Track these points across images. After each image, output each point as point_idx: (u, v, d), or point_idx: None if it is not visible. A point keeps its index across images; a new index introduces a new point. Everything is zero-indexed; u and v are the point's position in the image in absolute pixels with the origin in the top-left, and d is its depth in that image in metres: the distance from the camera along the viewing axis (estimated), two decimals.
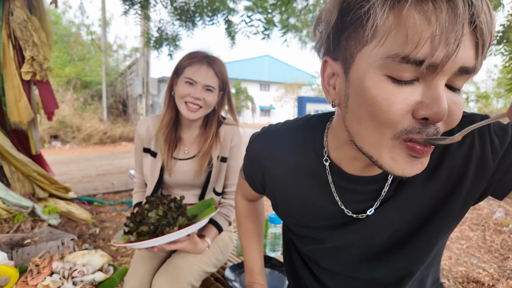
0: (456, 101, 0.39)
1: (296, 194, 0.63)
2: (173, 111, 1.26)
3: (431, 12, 0.33)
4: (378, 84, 0.38)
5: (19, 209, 2.39)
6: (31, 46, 2.18)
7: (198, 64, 1.16)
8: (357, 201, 0.57)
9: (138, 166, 1.35)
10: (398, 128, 0.39)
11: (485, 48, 0.36)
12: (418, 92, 0.37)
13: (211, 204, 1.15)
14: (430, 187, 0.53)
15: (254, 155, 0.69)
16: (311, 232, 0.65)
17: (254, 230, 0.92)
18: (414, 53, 0.34)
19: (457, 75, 0.37)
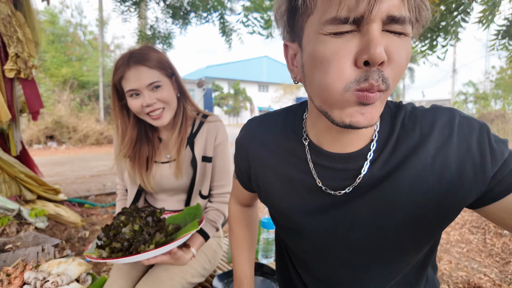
0: (397, 44, 0.42)
1: (276, 175, 0.63)
2: (133, 128, 1.15)
3: None
4: (323, 42, 0.43)
5: (4, 212, 2.31)
6: (15, 42, 2.09)
7: (127, 69, 1.02)
8: (335, 178, 0.56)
9: (119, 172, 1.27)
10: (347, 77, 0.42)
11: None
12: (357, 42, 0.42)
13: (197, 212, 1.07)
14: (419, 188, 0.50)
15: (240, 141, 0.72)
16: (290, 219, 0.63)
17: (245, 237, 0.88)
18: (339, 13, 0.40)
19: (391, 22, 0.41)
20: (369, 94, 0.42)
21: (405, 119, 0.54)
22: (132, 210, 0.98)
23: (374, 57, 0.40)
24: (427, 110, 0.54)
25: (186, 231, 0.92)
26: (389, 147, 0.53)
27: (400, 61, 0.43)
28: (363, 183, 0.54)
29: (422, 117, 0.53)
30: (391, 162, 0.52)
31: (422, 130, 0.51)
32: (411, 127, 0.53)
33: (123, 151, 1.15)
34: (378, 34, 0.40)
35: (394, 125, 0.54)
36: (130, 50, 1.06)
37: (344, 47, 0.42)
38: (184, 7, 2.91)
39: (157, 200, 1.28)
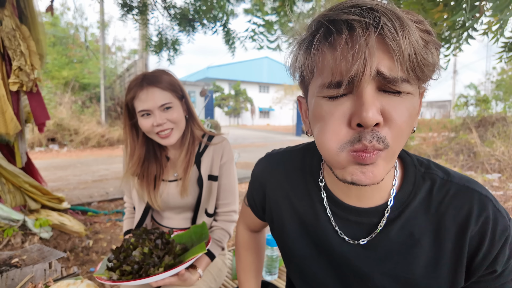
0: (395, 105, 0.42)
1: (292, 216, 0.64)
2: (142, 146, 1.19)
3: (335, 42, 0.41)
4: (320, 104, 0.46)
5: (9, 223, 2.33)
6: (18, 55, 2.11)
7: (140, 90, 1.07)
8: (349, 228, 0.57)
9: (127, 190, 1.29)
10: (342, 138, 0.44)
11: (403, 56, 0.39)
12: (350, 103, 0.43)
13: (203, 232, 1.09)
14: (433, 270, 0.51)
15: (257, 176, 0.73)
16: (303, 262, 0.64)
17: (253, 263, 0.89)
18: (332, 79, 0.42)
19: (384, 83, 0.41)
20: (364, 155, 0.43)
21: (434, 187, 0.53)
22: (141, 232, 1.00)
23: (366, 120, 0.40)
24: (461, 188, 0.52)
25: (193, 253, 0.95)
26: (409, 213, 0.53)
27: (399, 120, 0.43)
28: (378, 241, 0.54)
29: (455, 195, 0.51)
30: (411, 231, 0.52)
31: (448, 210, 0.51)
32: (438, 201, 0.52)
33: (132, 169, 1.18)
34: (370, 97, 0.41)
35: (418, 190, 0.53)
36: (144, 72, 1.11)
37: (338, 109, 0.44)
38: (190, 14, 2.92)
39: (163, 218, 1.30)
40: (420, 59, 0.40)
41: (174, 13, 2.93)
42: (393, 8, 0.40)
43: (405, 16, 0.40)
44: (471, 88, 9.72)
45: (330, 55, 0.42)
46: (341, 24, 0.40)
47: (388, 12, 0.39)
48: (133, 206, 1.30)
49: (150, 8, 2.94)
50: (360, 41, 0.39)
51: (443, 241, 0.51)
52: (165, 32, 3.09)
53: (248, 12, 3.43)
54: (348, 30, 0.40)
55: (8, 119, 2.19)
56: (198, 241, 1.08)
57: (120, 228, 3.08)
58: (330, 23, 0.42)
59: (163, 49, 3.15)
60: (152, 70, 1.13)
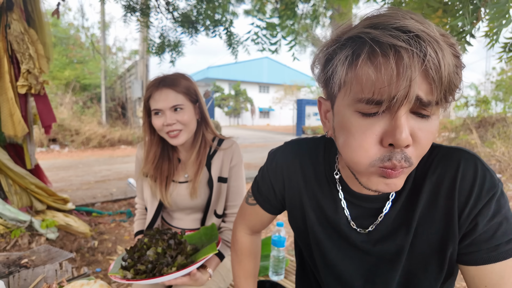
0: (422, 128, 0.45)
1: (310, 202, 0.68)
2: (157, 145, 1.23)
3: (380, 65, 0.41)
4: (351, 118, 0.47)
5: (16, 224, 2.36)
6: (27, 59, 2.14)
7: (156, 91, 1.12)
8: (362, 216, 0.62)
9: (139, 191, 1.32)
10: (372, 156, 0.46)
11: (441, 83, 0.41)
12: (384, 123, 0.44)
13: (213, 233, 1.11)
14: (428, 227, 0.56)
15: (278, 163, 0.74)
16: (319, 249, 0.68)
17: (254, 269, 0.90)
18: (373, 98, 0.43)
19: (418, 106, 0.43)
20: (392, 172, 0.46)
21: (428, 159, 0.57)
22: (154, 232, 1.03)
23: (399, 142, 0.43)
24: (449, 152, 0.56)
25: (204, 254, 0.97)
26: (407, 188, 0.58)
27: (425, 143, 0.46)
28: (384, 224, 0.60)
29: (444, 159, 0.56)
30: (410, 206, 0.57)
31: (440, 176, 0.55)
32: (432, 167, 0.56)
33: (147, 166, 1.22)
34: (405, 119, 0.43)
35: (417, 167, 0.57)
36: (164, 74, 1.17)
37: (371, 128, 0.45)
38: (193, 16, 2.94)
39: (173, 218, 1.33)
40: (452, 85, 0.42)
41: (177, 15, 2.96)
42: (435, 33, 0.41)
43: (443, 42, 0.41)
44: (471, 88, 9.75)
45: (374, 76, 0.42)
46: (388, 48, 0.41)
47: (432, 41, 0.40)
48: (145, 207, 1.33)
49: (153, 10, 2.97)
50: (407, 70, 0.40)
51: (437, 198, 0.55)
52: (168, 34, 3.11)
53: (248, 14, 3.46)
54: (395, 55, 0.40)
55: (16, 121, 2.23)
56: (208, 242, 1.10)
57: (124, 229, 3.11)
58: (375, 43, 0.41)
59: (165, 51, 3.17)
60: (172, 73, 1.18)
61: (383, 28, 0.42)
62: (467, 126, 7.59)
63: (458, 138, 7.26)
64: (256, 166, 7.40)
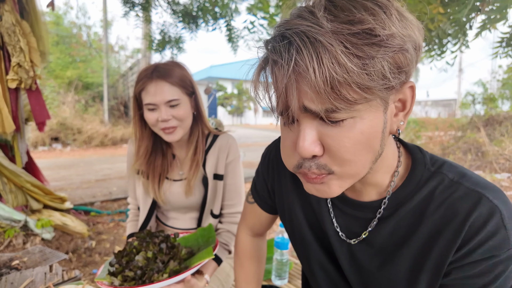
0: (333, 135, 0.41)
1: (300, 207, 0.66)
2: (149, 139, 1.14)
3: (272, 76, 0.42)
4: (282, 129, 0.49)
5: (11, 223, 2.28)
6: (18, 52, 2.05)
7: (149, 83, 1.02)
8: (348, 224, 0.58)
9: (131, 190, 1.23)
10: (292, 162, 0.47)
11: (318, 89, 0.37)
12: (295, 134, 0.45)
13: (210, 235, 1.04)
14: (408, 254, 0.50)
15: (272, 158, 0.73)
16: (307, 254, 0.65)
17: (256, 273, 0.85)
18: (277, 109, 0.44)
19: (314, 114, 0.40)
20: (309, 177, 0.45)
21: (438, 188, 0.48)
22: (145, 235, 0.95)
23: (300, 151, 0.42)
24: (469, 192, 0.46)
25: (200, 259, 0.89)
26: (403, 213, 0.51)
27: (339, 150, 0.42)
28: (371, 238, 0.54)
29: (458, 199, 0.46)
30: (402, 232, 0.51)
31: (446, 215, 0.47)
32: (438, 204, 0.48)
33: (139, 161, 1.13)
34: (306, 129, 0.42)
35: (420, 190, 0.50)
36: (156, 63, 1.06)
37: (288, 136, 0.47)
38: (194, 11, 2.87)
39: (169, 218, 1.25)
40: (345, 88, 0.37)
41: (177, 9, 2.88)
42: (318, 31, 0.36)
43: (335, 39, 0.36)
44: (478, 85, 9.51)
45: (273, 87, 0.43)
46: (267, 61, 0.42)
47: (302, 46, 0.36)
48: (137, 207, 1.25)
49: (153, 5, 2.89)
50: (278, 83, 0.40)
51: (432, 246, 0.48)
52: (168, 30, 3.05)
53: (251, 10, 3.38)
54: (272, 69, 0.41)
55: (4, 117, 2.12)
56: (204, 244, 1.03)
57: (123, 229, 3.03)
58: (263, 57, 0.43)
59: (166, 48, 3.10)
60: (165, 61, 1.08)
61: (275, 34, 0.41)
62: (475, 124, 7.44)
63: (465, 136, 7.12)
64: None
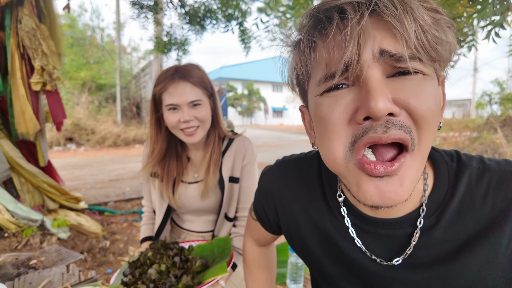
0: (407, 88, 0.35)
1: (312, 232, 0.56)
2: (164, 141, 1.14)
3: (327, 31, 0.37)
4: (321, 103, 0.40)
5: (28, 223, 2.33)
6: (40, 55, 2.10)
7: (171, 83, 1.01)
8: (379, 244, 0.48)
9: (146, 193, 1.23)
10: (346, 141, 0.38)
11: (406, 31, 0.34)
12: (355, 97, 0.37)
13: (226, 246, 1.03)
14: (488, 273, 0.41)
15: (267, 188, 0.65)
16: (333, 282, 0.55)
17: (267, 281, 0.82)
18: (328, 71, 0.38)
19: (389, 62, 0.35)
20: (374, 170, 0.36)
21: (472, 181, 0.44)
22: (159, 246, 0.95)
23: (373, 110, 0.34)
24: (504, 174, 0.43)
25: (214, 274, 0.88)
26: (449, 215, 0.44)
27: (417, 105, 0.35)
28: (416, 255, 0.45)
29: (500, 184, 0.43)
30: (454, 236, 0.44)
31: (496, 203, 0.42)
32: (481, 195, 0.43)
33: (152, 162, 1.13)
34: (377, 82, 0.35)
35: (456, 187, 0.45)
36: (176, 65, 1.06)
37: (339, 104, 0.38)
38: (202, 13, 2.88)
39: (184, 221, 1.24)
40: (431, 37, 0.34)
41: (186, 11, 2.89)
42: None
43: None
44: (494, 84, 9.24)
45: (322, 45, 0.38)
46: (332, 10, 0.36)
47: None
48: (152, 210, 1.25)
49: (162, 7, 2.91)
50: (353, 25, 0.34)
51: (496, 238, 0.42)
52: (174, 32, 3.06)
53: (262, 11, 3.36)
54: (339, 14, 0.36)
55: (27, 118, 2.20)
56: (219, 255, 1.02)
57: (136, 229, 3.05)
58: (320, 12, 0.38)
59: (171, 49, 3.11)
60: (184, 64, 1.08)
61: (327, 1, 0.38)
62: (491, 124, 7.25)
63: (481, 137, 6.94)
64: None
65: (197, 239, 1.18)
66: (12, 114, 2.24)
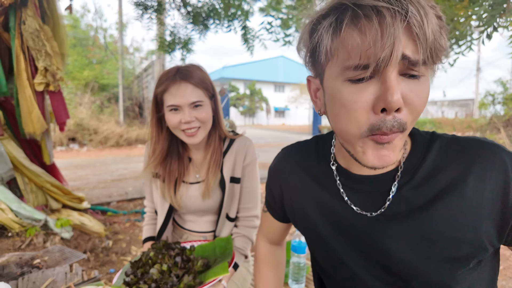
0: (414, 89, 0.44)
1: (310, 198, 0.66)
2: (165, 141, 1.14)
3: (364, 27, 0.42)
4: (341, 89, 0.46)
5: (32, 222, 2.34)
6: (43, 56, 2.12)
7: (172, 84, 1.02)
8: (365, 200, 0.58)
9: (148, 194, 1.24)
10: (362, 126, 0.46)
11: (426, 39, 0.41)
12: (374, 88, 0.44)
13: (228, 246, 1.04)
14: (458, 222, 0.50)
15: (273, 168, 0.76)
16: (327, 245, 0.63)
17: (274, 279, 0.86)
18: (360, 62, 0.43)
19: (406, 65, 0.43)
20: (383, 136, 0.45)
21: (444, 146, 0.54)
22: (161, 246, 0.95)
23: (391, 105, 0.42)
24: (471, 142, 0.53)
25: (215, 274, 0.89)
26: (422, 173, 0.53)
27: (418, 104, 0.45)
28: (395, 207, 0.54)
29: (465, 149, 0.52)
30: (427, 190, 0.52)
31: (463, 163, 0.51)
32: (453, 157, 0.53)
33: (154, 163, 1.14)
34: (394, 81, 0.42)
35: (428, 152, 0.55)
36: (177, 66, 1.07)
37: (361, 95, 0.45)
38: (205, 13, 2.89)
39: (186, 221, 1.25)
40: (437, 44, 0.42)
41: (189, 10, 2.90)
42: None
43: (425, 3, 0.41)
44: (497, 84, 9.18)
45: (359, 39, 0.42)
46: (370, 9, 0.41)
47: (413, 0, 0.41)
48: (154, 210, 1.26)
49: (165, 7, 2.92)
50: (390, 29, 0.40)
51: (461, 191, 0.50)
52: (178, 31, 3.07)
53: (264, 11, 3.37)
54: (377, 16, 0.41)
55: (34, 118, 2.23)
56: (221, 255, 1.02)
57: (139, 229, 3.07)
58: (357, 7, 0.42)
59: (176, 49, 3.12)
60: (186, 64, 1.09)
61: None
62: (494, 125, 7.23)
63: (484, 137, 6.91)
64: None
65: (198, 239, 1.19)
66: (19, 113, 2.27)
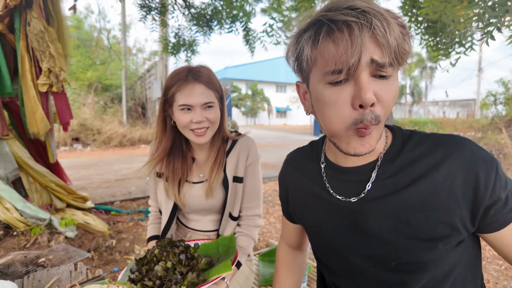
0: (383, 88, 0.52)
1: (306, 193, 0.75)
2: (169, 141, 1.16)
3: (337, 39, 0.50)
4: (323, 91, 0.55)
5: (36, 222, 2.37)
6: (47, 57, 2.15)
7: (186, 84, 1.04)
8: (349, 189, 0.65)
9: (152, 193, 1.26)
10: (347, 121, 0.54)
11: (389, 46, 0.49)
12: (351, 89, 0.52)
13: (231, 245, 1.05)
14: (429, 203, 0.57)
15: (280, 174, 0.86)
16: (320, 234, 0.72)
17: (287, 282, 0.88)
18: (335, 68, 0.51)
19: (375, 67, 0.50)
20: (365, 130, 0.54)
21: (421, 140, 0.62)
22: (166, 244, 0.97)
23: (366, 101, 0.50)
24: (445, 137, 0.60)
25: (218, 272, 0.90)
26: (400, 163, 0.61)
27: (388, 100, 0.53)
28: (374, 191, 0.61)
29: (440, 142, 0.59)
30: (403, 177, 0.59)
31: (438, 154, 0.58)
32: (428, 149, 0.59)
33: (156, 159, 1.16)
34: (366, 81, 0.51)
35: (406, 145, 0.62)
36: (188, 66, 1.09)
37: (340, 95, 0.53)
38: (208, 15, 2.91)
39: (189, 220, 1.26)
40: (401, 49, 0.50)
41: (193, 12, 2.92)
42: (379, 9, 0.50)
43: (388, 15, 0.50)
44: (499, 84, 9.13)
45: (333, 49, 0.50)
46: (341, 24, 0.50)
47: (377, 14, 0.49)
48: (159, 210, 1.28)
49: (169, 9, 2.95)
50: (358, 39, 0.48)
51: (434, 176, 0.57)
52: (183, 33, 3.09)
53: (265, 12, 3.39)
54: (347, 29, 0.49)
55: (38, 119, 2.26)
56: (224, 254, 1.04)
57: (142, 228, 3.09)
58: (331, 22, 0.51)
59: (180, 50, 3.14)
60: (196, 65, 1.11)
61: (336, 9, 0.51)
62: (496, 125, 7.19)
63: (486, 137, 6.89)
64: (273, 165, 7.32)
65: (202, 238, 1.20)
66: (24, 113, 2.31)
